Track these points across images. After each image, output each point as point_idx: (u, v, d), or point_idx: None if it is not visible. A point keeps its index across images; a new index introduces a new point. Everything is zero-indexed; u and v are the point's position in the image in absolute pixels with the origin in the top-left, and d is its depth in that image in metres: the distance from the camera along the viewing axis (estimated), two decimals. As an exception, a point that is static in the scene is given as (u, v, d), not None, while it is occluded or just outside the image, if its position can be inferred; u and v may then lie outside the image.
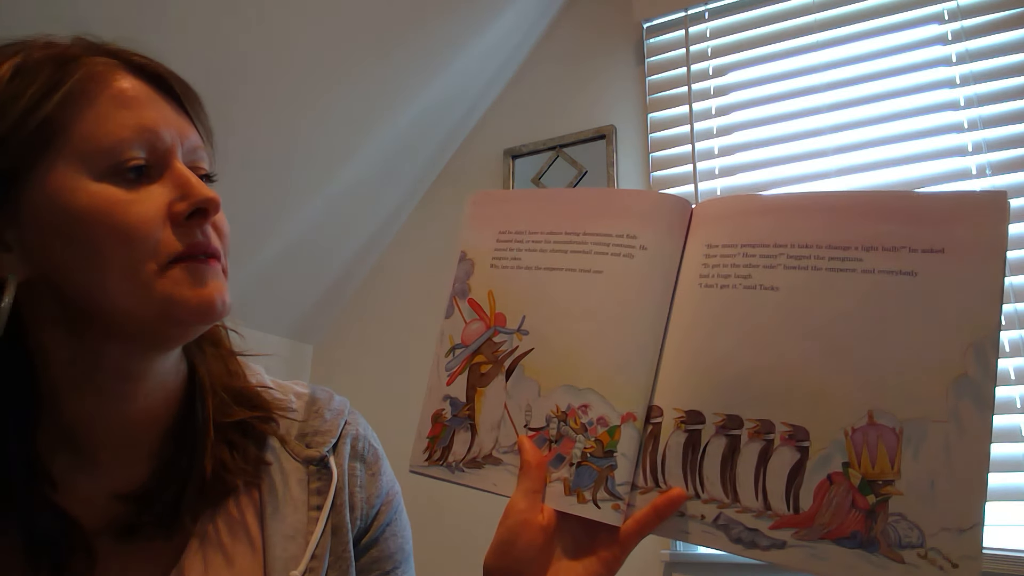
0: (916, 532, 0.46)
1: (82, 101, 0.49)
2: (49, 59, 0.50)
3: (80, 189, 0.48)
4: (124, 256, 0.49)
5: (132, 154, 0.50)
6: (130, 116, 0.50)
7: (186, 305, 0.50)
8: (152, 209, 0.50)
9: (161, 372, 0.56)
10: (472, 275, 0.68)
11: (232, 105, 1.48)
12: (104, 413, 0.54)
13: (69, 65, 0.50)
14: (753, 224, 0.56)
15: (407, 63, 1.79)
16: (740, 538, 0.52)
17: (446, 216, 2.14)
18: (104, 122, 0.49)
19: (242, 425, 0.60)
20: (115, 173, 0.49)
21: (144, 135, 0.51)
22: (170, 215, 0.51)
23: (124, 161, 0.50)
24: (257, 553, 0.58)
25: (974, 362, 0.47)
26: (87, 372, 0.52)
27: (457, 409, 0.64)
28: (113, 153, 0.49)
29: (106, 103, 0.50)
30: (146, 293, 0.49)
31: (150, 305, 0.50)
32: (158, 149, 0.52)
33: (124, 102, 0.51)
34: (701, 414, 0.55)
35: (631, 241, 0.60)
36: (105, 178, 0.49)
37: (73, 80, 0.49)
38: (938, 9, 1.61)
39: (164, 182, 0.51)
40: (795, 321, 0.53)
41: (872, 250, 0.51)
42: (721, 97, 1.82)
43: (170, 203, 0.51)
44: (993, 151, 1.50)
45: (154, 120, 0.52)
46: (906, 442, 0.48)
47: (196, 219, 0.52)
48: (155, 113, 0.52)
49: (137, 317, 0.50)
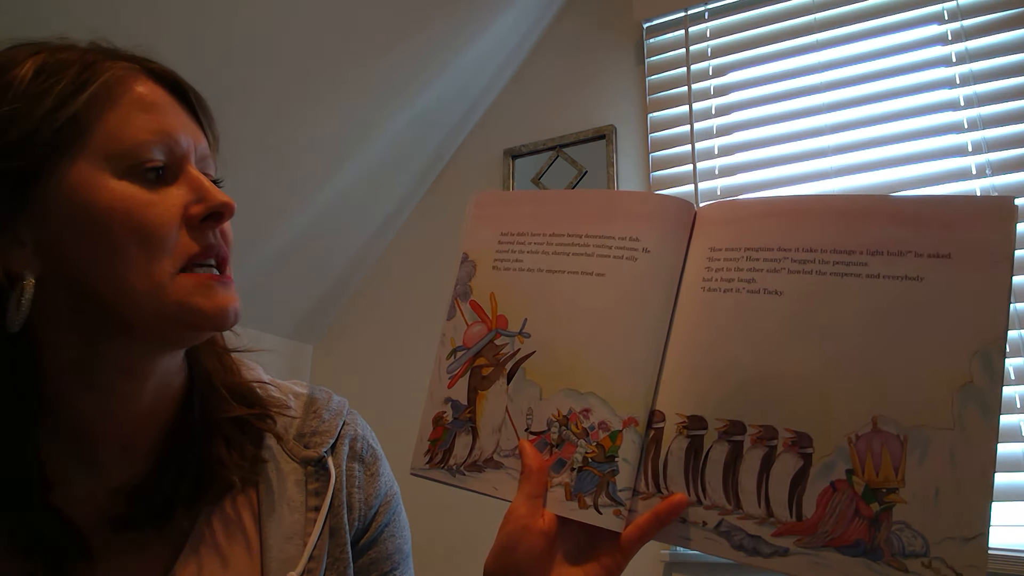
0: (920, 541, 0.46)
1: (106, 103, 0.51)
2: (73, 60, 0.51)
3: (102, 186, 0.49)
4: (142, 254, 0.50)
5: (152, 156, 0.51)
6: (151, 120, 0.52)
7: (201, 312, 0.52)
8: (170, 210, 0.51)
9: (166, 372, 0.57)
10: (474, 277, 0.67)
11: (232, 105, 1.47)
12: (107, 412, 0.54)
13: (95, 66, 0.52)
14: (757, 228, 0.56)
15: (407, 63, 1.79)
16: (742, 545, 0.51)
17: (446, 216, 2.14)
18: (127, 124, 0.51)
19: (239, 422, 0.60)
20: (135, 173, 0.51)
21: (163, 139, 0.52)
22: (185, 218, 0.52)
23: (144, 162, 0.51)
24: (254, 554, 0.58)
25: (980, 369, 0.46)
26: (93, 370, 0.53)
27: (458, 412, 0.64)
28: (135, 154, 0.50)
29: (128, 106, 0.51)
30: (160, 294, 0.50)
31: (164, 307, 0.51)
32: (175, 153, 0.53)
33: (145, 106, 0.52)
34: (703, 419, 0.54)
35: (634, 244, 0.60)
36: (126, 177, 0.50)
37: (99, 81, 0.51)
38: (938, 9, 1.60)
39: (179, 185, 0.53)
40: (799, 326, 0.52)
41: (878, 255, 0.51)
42: (721, 97, 1.81)
43: (186, 205, 0.52)
44: (993, 151, 1.49)
45: (172, 125, 0.53)
46: (911, 450, 0.47)
47: (210, 223, 0.54)
48: (173, 119, 0.54)
49: (149, 317, 0.51)
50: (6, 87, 0.49)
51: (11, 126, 0.48)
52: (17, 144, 0.48)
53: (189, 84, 0.58)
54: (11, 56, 0.51)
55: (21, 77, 0.49)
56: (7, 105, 0.48)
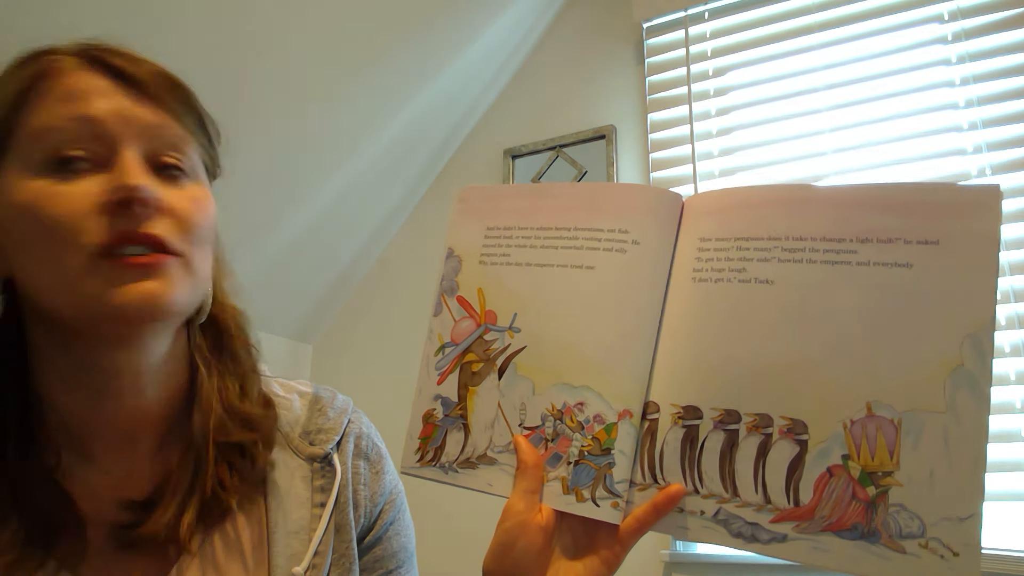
0: (917, 522, 0.47)
1: (33, 101, 0.49)
2: (16, 65, 0.51)
3: (19, 186, 0.48)
4: (48, 250, 0.48)
5: (67, 146, 0.49)
6: (71, 108, 0.49)
7: (110, 305, 0.48)
8: (80, 200, 0.48)
9: (146, 370, 0.54)
10: (460, 272, 0.66)
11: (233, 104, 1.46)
12: (95, 408, 0.54)
13: (27, 65, 0.51)
14: (747, 217, 0.56)
15: (406, 63, 1.78)
16: (740, 532, 0.52)
17: (446, 216, 2.10)
18: (46, 118, 0.49)
19: (242, 447, 0.59)
20: (50, 167, 0.48)
21: (85, 125, 0.49)
22: (106, 206, 0.48)
23: (56, 154, 0.48)
24: (250, 569, 0.56)
25: (971, 353, 0.47)
26: (70, 368, 0.53)
27: (448, 409, 0.63)
28: (48, 146, 0.48)
29: (52, 99, 0.49)
30: (72, 288, 0.48)
31: (76, 302, 0.48)
32: (104, 140, 0.50)
33: (69, 96, 0.50)
34: (699, 409, 0.54)
35: (623, 236, 0.60)
36: (41, 173, 0.49)
37: (26, 78, 0.50)
38: (938, 10, 1.60)
39: (109, 173, 0.49)
40: (791, 314, 0.53)
41: (867, 242, 0.51)
42: (721, 97, 1.81)
43: (108, 193, 0.49)
44: (993, 151, 1.50)
45: (100, 110, 0.50)
46: (905, 433, 0.48)
47: (133, 209, 0.49)
48: (104, 103, 0.50)
49: (67, 314, 0.49)
50: None
51: None
52: None
53: (145, 68, 0.53)
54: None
55: None
56: None
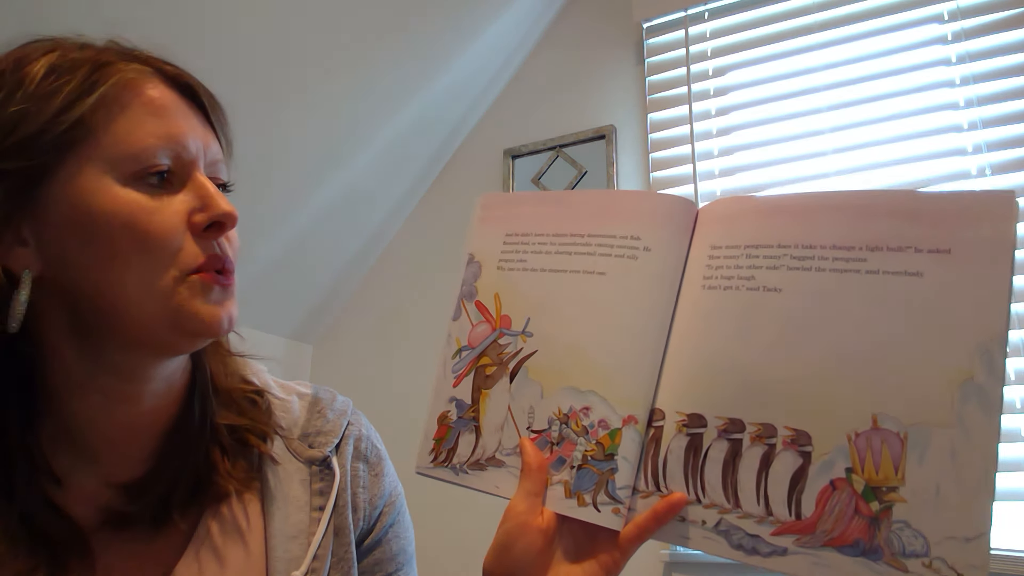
0: (920, 540, 0.45)
1: (115, 106, 0.50)
2: (85, 61, 0.51)
3: (104, 192, 0.49)
4: (143, 263, 0.50)
5: (157, 161, 0.51)
6: (159, 124, 0.52)
7: (197, 318, 0.52)
8: (174, 218, 0.51)
9: (166, 375, 0.57)
10: (479, 277, 0.68)
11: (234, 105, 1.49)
12: (107, 413, 0.55)
13: (105, 69, 0.51)
14: (757, 225, 0.55)
15: (406, 63, 1.79)
16: (741, 544, 0.51)
17: (446, 216, 2.14)
18: (134, 128, 0.51)
19: (235, 430, 0.60)
20: (139, 179, 0.51)
21: (171, 144, 0.52)
22: (190, 225, 0.52)
23: (149, 168, 0.51)
24: (252, 556, 0.58)
25: (981, 365, 0.45)
26: (91, 372, 0.53)
27: (462, 411, 0.64)
28: (140, 159, 0.50)
29: (137, 110, 0.51)
30: (161, 302, 0.50)
31: (162, 314, 0.51)
32: (183, 159, 0.53)
33: (154, 110, 0.52)
34: (703, 417, 0.54)
35: (635, 243, 0.60)
36: (130, 183, 0.50)
37: (108, 84, 0.50)
38: (938, 10, 1.59)
39: (186, 192, 0.53)
40: (798, 323, 0.52)
41: (877, 250, 0.50)
42: (721, 97, 1.80)
43: (190, 213, 0.52)
44: (993, 151, 1.48)
45: (181, 130, 0.53)
46: (911, 448, 0.46)
47: (213, 231, 0.53)
48: (183, 123, 0.53)
49: (146, 324, 0.51)
50: (16, 85, 0.49)
51: (19, 126, 0.48)
52: (24, 144, 0.48)
53: (203, 87, 0.57)
54: (25, 53, 0.51)
55: (32, 76, 0.49)
56: (16, 104, 0.48)
